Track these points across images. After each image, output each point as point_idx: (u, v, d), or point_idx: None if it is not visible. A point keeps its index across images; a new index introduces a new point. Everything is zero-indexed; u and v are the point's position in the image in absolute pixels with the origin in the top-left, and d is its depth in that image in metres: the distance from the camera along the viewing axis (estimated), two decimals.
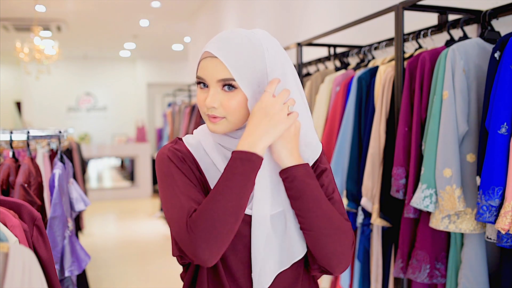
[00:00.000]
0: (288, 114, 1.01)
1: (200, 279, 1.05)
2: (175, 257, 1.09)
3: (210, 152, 1.07)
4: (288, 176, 1.00)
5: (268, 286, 1.02)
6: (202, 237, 0.92)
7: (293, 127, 1.02)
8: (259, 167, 0.97)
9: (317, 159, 1.11)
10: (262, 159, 0.98)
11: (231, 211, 0.93)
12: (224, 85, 1.00)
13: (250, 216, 1.02)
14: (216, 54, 0.99)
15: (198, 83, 1.03)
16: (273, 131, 0.98)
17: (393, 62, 2.14)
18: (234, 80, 0.99)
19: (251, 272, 1.02)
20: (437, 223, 1.73)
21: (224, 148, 1.07)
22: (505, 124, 1.50)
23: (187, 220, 0.94)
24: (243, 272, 1.03)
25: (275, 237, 1.03)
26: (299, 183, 0.99)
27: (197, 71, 1.04)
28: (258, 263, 1.01)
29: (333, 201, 1.06)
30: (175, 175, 1.00)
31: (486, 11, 1.80)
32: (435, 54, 1.87)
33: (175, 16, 7.82)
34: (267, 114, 0.98)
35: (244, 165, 0.95)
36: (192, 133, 1.14)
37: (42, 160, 2.22)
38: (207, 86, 1.02)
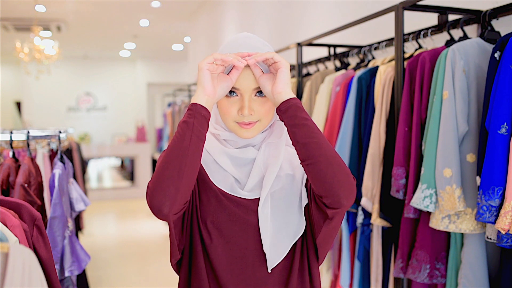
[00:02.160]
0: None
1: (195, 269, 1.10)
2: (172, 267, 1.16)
3: (211, 151, 1.13)
4: (292, 105, 1.03)
5: (282, 259, 1.07)
6: (152, 187, 0.97)
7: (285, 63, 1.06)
8: (201, 115, 1.02)
9: None
10: (202, 106, 1.03)
11: (175, 155, 0.98)
12: (258, 91, 1.08)
13: (247, 199, 1.09)
14: (258, 63, 1.06)
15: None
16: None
17: (393, 62, 2.14)
18: None
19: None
20: (437, 223, 1.73)
21: (226, 147, 1.12)
22: (505, 124, 1.49)
23: None
24: (256, 253, 1.08)
25: (284, 212, 1.09)
26: (302, 111, 1.03)
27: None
28: (268, 238, 1.06)
29: None
30: None
31: (486, 11, 1.80)
32: (435, 54, 1.87)
33: (175, 16, 7.82)
34: None
35: (186, 116, 1.02)
36: None
37: (42, 160, 2.22)
38: (235, 94, 1.08)
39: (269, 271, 1.07)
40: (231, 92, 1.07)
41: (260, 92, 1.07)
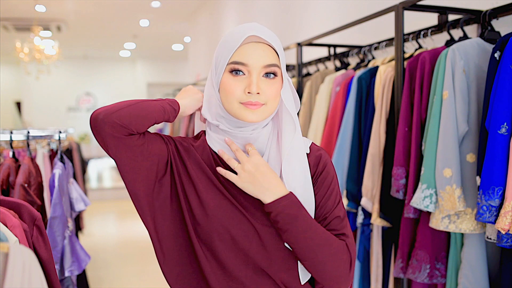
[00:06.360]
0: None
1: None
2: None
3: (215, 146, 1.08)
4: (272, 211, 1.00)
5: None
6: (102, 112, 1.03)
7: (250, 165, 1.00)
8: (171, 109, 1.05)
9: (321, 167, 1.09)
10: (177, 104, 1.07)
11: (132, 106, 1.02)
12: (265, 72, 1.00)
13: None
14: (268, 39, 0.99)
15: (232, 70, 1.00)
16: None
17: (393, 62, 2.14)
18: (278, 66, 1.01)
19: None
20: (437, 223, 1.73)
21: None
22: (505, 124, 1.49)
23: None
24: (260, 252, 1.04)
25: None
26: (284, 216, 0.98)
27: (230, 56, 1.00)
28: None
29: (331, 218, 1.05)
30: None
31: (486, 11, 1.80)
32: (435, 54, 1.87)
33: (175, 16, 7.82)
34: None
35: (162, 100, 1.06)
36: (193, 135, 1.16)
37: (42, 160, 2.22)
38: (242, 73, 1.00)
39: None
40: (237, 71, 0.99)
41: (267, 73, 1.00)
